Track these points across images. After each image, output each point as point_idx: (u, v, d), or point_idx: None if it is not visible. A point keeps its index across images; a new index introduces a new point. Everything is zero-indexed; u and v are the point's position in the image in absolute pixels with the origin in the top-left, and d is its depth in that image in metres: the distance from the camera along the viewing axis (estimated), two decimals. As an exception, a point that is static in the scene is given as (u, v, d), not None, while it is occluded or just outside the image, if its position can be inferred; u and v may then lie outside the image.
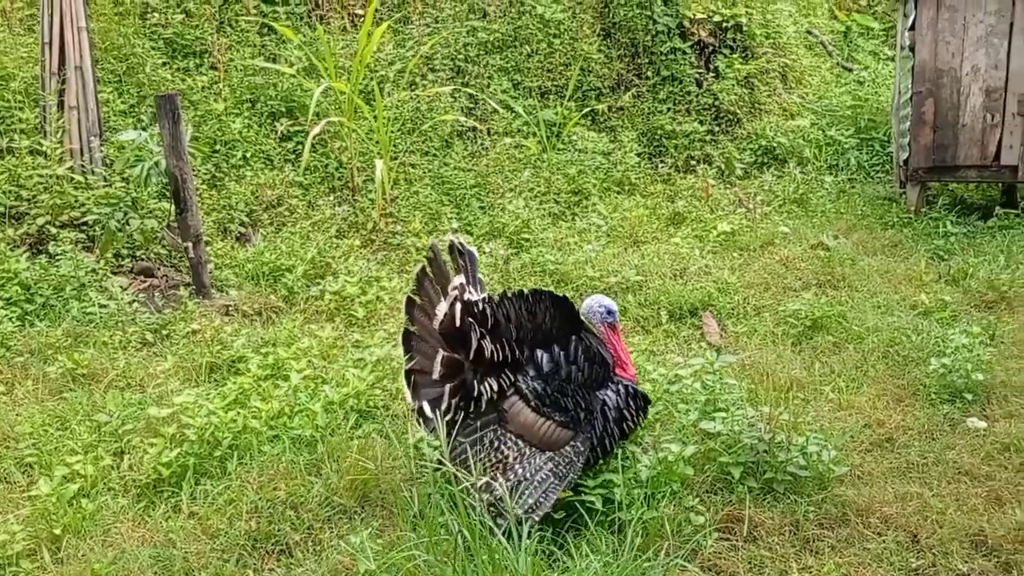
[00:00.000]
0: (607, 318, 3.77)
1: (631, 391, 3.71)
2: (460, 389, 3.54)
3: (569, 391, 3.56)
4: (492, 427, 3.55)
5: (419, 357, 3.64)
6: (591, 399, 3.61)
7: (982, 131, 7.91)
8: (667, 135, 9.93)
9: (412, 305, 3.71)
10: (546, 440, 3.52)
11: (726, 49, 10.55)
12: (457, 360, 3.54)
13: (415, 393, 3.61)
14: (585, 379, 3.62)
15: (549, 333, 3.64)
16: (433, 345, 3.58)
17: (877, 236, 7.67)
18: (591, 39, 10.13)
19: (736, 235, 7.71)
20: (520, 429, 3.53)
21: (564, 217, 8.29)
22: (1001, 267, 6.43)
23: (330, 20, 9.42)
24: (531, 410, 3.52)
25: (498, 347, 3.50)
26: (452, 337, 3.53)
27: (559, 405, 3.53)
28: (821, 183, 9.25)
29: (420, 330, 3.68)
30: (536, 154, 8.95)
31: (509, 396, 3.54)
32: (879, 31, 13.65)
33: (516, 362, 3.56)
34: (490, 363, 3.51)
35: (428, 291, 3.67)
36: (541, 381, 3.55)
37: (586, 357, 3.63)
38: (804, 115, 10.65)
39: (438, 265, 3.70)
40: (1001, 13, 7.66)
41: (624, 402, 3.67)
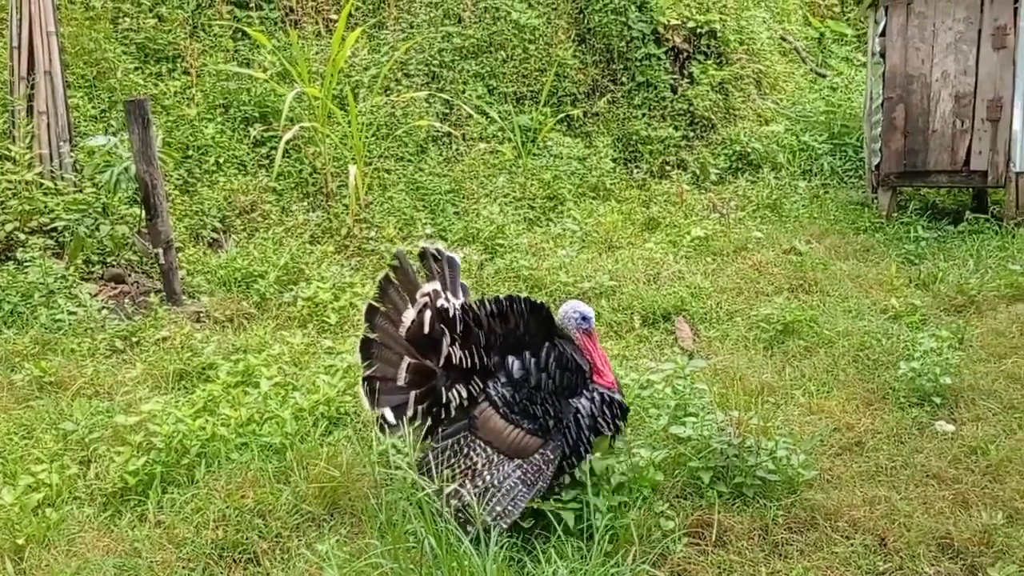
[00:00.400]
0: (582, 324, 3.66)
1: (606, 399, 3.62)
2: (428, 396, 3.52)
3: (539, 399, 3.51)
4: (462, 433, 3.52)
5: (379, 364, 3.58)
6: (562, 407, 3.54)
7: (952, 136, 7.99)
8: (642, 141, 9.97)
9: (374, 312, 3.65)
10: (515, 447, 3.49)
11: (700, 55, 10.62)
12: (426, 367, 3.53)
13: (375, 400, 3.56)
14: (556, 387, 3.55)
15: (522, 339, 3.58)
16: (397, 352, 3.55)
17: (849, 241, 7.73)
18: (566, 45, 10.16)
19: (710, 240, 7.75)
20: (489, 436, 3.50)
21: (539, 222, 8.30)
22: (971, 271, 6.49)
23: (304, 25, 9.39)
24: (500, 417, 3.49)
25: (466, 354, 3.48)
26: (421, 343, 3.52)
27: (528, 412, 3.49)
28: (795, 188, 9.32)
29: (382, 337, 3.62)
30: (511, 160, 8.96)
31: (480, 403, 3.52)
32: (852, 37, 13.78)
33: (485, 369, 3.54)
34: (459, 370, 3.49)
35: (393, 298, 3.63)
36: (511, 388, 3.51)
37: (558, 364, 3.55)
38: (778, 121, 10.73)
39: (404, 272, 3.65)
40: (969, 20, 7.75)
41: (599, 410, 3.59)
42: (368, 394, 3.57)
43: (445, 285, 3.70)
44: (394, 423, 3.49)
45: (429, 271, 3.74)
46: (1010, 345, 5.27)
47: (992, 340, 5.38)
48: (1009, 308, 5.90)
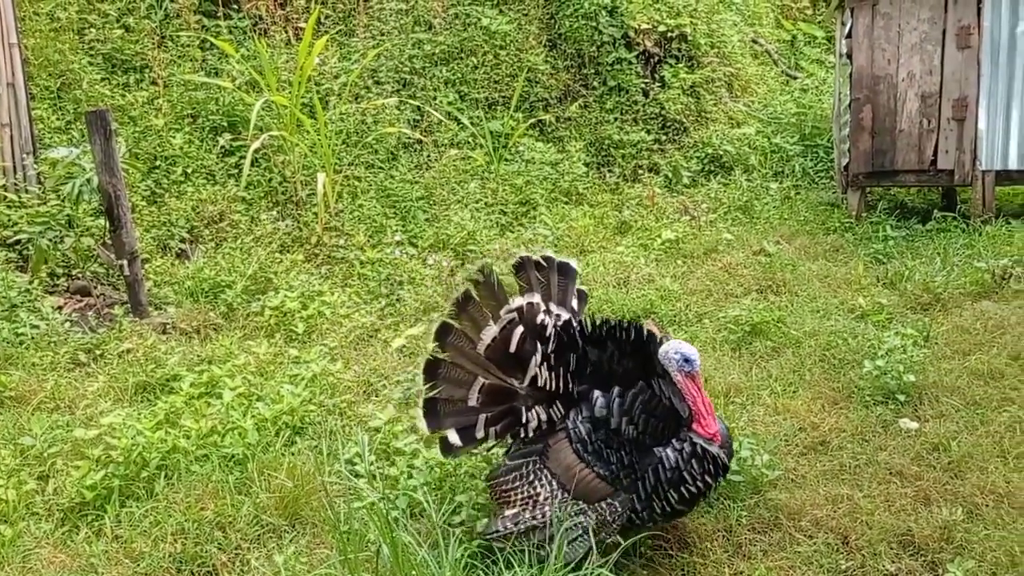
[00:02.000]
0: (684, 367, 3.24)
1: (699, 451, 3.22)
2: (503, 417, 3.33)
3: (615, 443, 3.24)
4: (533, 458, 3.34)
5: (446, 386, 3.35)
6: (642, 458, 3.24)
7: (919, 136, 8.03)
8: (614, 145, 9.99)
9: (447, 331, 3.38)
10: (581, 487, 3.24)
11: (671, 59, 10.65)
12: (503, 387, 3.34)
13: (435, 421, 3.35)
14: (639, 433, 3.24)
15: (615, 371, 3.33)
16: (471, 371, 3.35)
17: (819, 241, 7.76)
18: (537, 50, 10.17)
19: (680, 243, 7.76)
20: (557, 468, 3.29)
21: (511, 228, 8.29)
22: (937, 269, 6.52)
23: (273, 34, 9.35)
24: (572, 452, 3.27)
25: (552, 376, 3.29)
26: (503, 362, 3.33)
27: (601, 456, 3.25)
28: (766, 190, 9.35)
29: (453, 356, 3.37)
30: (483, 165, 8.95)
31: (558, 431, 3.31)
32: (823, 39, 13.87)
33: (569, 395, 3.32)
34: (543, 391, 3.31)
35: (472, 315, 3.37)
36: (589, 425, 3.26)
37: (645, 409, 3.24)
38: (750, 123, 10.77)
39: (489, 287, 3.38)
40: (934, 20, 7.81)
41: (686, 463, 3.20)
42: (427, 415, 3.36)
43: (550, 296, 3.49)
44: (459, 444, 3.30)
45: (527, 283, 3.49)
46: (974, 342, 5.28)
47: (957, 337, 5.40)
48: (974, 305, 5.93)
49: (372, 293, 6.79)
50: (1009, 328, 5.47)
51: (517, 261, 3.57)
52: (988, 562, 3.28)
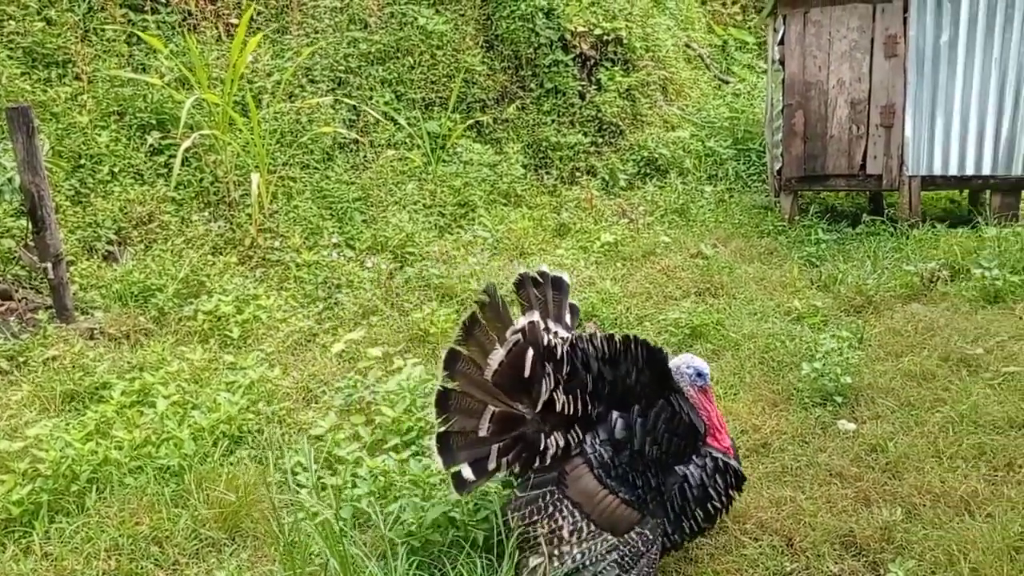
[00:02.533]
0: (697, 381, 3.23)
1: (720, 465, 3.19)
2: (515, 445, 3.13)
3: (640, 466, 3.13)
4: (549, 488, 3.16)
5: (458, 417, 3.15)
6: (666, 478, 3.16)
7: (849, 142, 8.24)
8: (552, 147, 10.01)
9: (455, 359, 3.19)
10: (606, 516, 3.13)
11: (607, 62, 10.72)
12: (512, 414, 3.16)
13: (449, 456, 3.13)
14: (662, 453, 3.16)
15: (632, 389, 3.21)
16: (480, 400, 3.16)
17: (754, 244, 7.89)
18: (474, 51, 10.13)
19: (619, 245, 7.81)
20: (579, 496, 3.14)
21: (450, 230, 8.23)
22: (868, 272, 6.68)
23: (203, 30, 9.10)
24: (594, 478, 3.13)
25: (570, 399, 3.13)
26: (511, 386, 3.16)
27: (626, 480, 3.13)
28: (701, 193, 9.48)
29: (463, 385, 3.18)
30: (420, 166, 8.86)
31: (573, 457, 3.16)
32: (754, 45, 14.15)
33: (587, 418, 3.19)
34: (561, 416, 3.15)
35: (479, 339, 3.19)
36: (610, 448, 3.14)
37: (668, 428, 3.17)
38: (684, 127, 10.92)
39: (494, 308, 3.20)
40: (862, 29, 8.01)
41: (710, 479, 3.16)
42: (441, 451, 3.14)
43: (547, 312, 3.37)
44: (473, 479, 3.08)
45: (527, 301, 3.38)
46: (906, 344, 5.43)
47: (890, 339, 5.54)
48: (904, 307, 6.09)
49: (309, 296, 6.66)
50: (938, 330, 5.63)
51: (517, 279, 3.45)
52: (927, 561, 3.36)
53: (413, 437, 4.30)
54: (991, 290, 6.17)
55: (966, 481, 3.85)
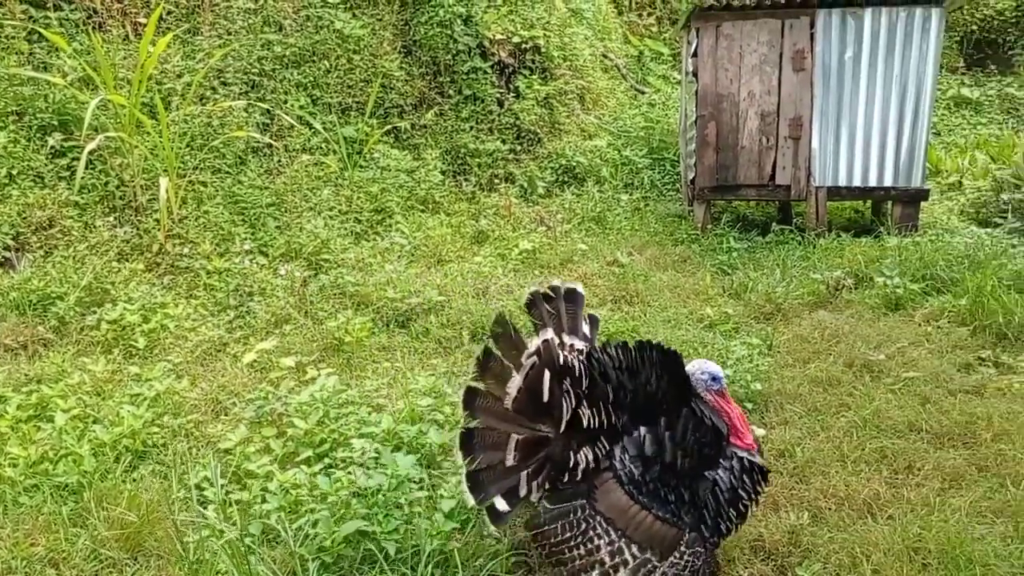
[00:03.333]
0: (712, 385, 3.18)
1: (746, 465, 3.15)
2: (544, 467, 3.08)
3: (672, 481, 3.06)
4: (579, 502, 3.09)
5: (484, 454, 3.09)
6: (698, 488, 3.09)
7: (759, 152, 8.46)
8: (471, 153, 9.99)
9: (473, 396, 3.15)
10: (643, 532, 3.04)
11: (526, 70, 10.77)
12: (536, 437, 3.10)
13: (481, 492, 3.06)
14: (692, 464, 3.09)
15: (653, 396, 3.14)
16: (504, 431, 3.09)
17: (668, 252, 8.01)
18: (392, 56, 10.04)
19: (537, 253, 7.84)
20: (610, 512, 3.06)
21: (366, 236, 8.13)
22: (777, 280, 6.86)
23: (110, 29, 8.79)
24: (624, 494, 3.05)
25: (594, 412, 3.05)
26: (531, 411, 3.09)
27: (658, 496, 3.05)
28: (617, 201, 9.59)
29: (484, 421, 3.14)
30: (336, 172, 8.74)
31: (602, 471, 3.08)
32: (669, 56, 14.40)
33: (612, 428, 3.11)
34: (587, 431, 3.06)
35: (495, 371, 3.13)
36: (640, 465, 3.06)
37: (696, 438, 3.10)
38: (601, 135, 11.04)
39: (507, 337, 3.14)
40: (772, 43, 8.24)
41: (739, 480, 3.12)
42: (473, 489, 3.07)
43: (561, 326, 3.30)
44: (507, 510, 3.03)
45: (540, 319, 3.30)
46: (813, 350, 5.58)
47: (797, 346, 5.69)
48: (812, 315, 6.27)
49: (220, 305, 6.47)
50: (843, 336, 5.81)
51: (528, 299, 3.37)
52: (833, 564, 3.44)
53: (326, 449, 4.22)
54: (892, 298, 6.41)
55: (869, 484, 3.97)
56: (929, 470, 4.13)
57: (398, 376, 5.28)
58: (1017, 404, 4.81)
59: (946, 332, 5.86)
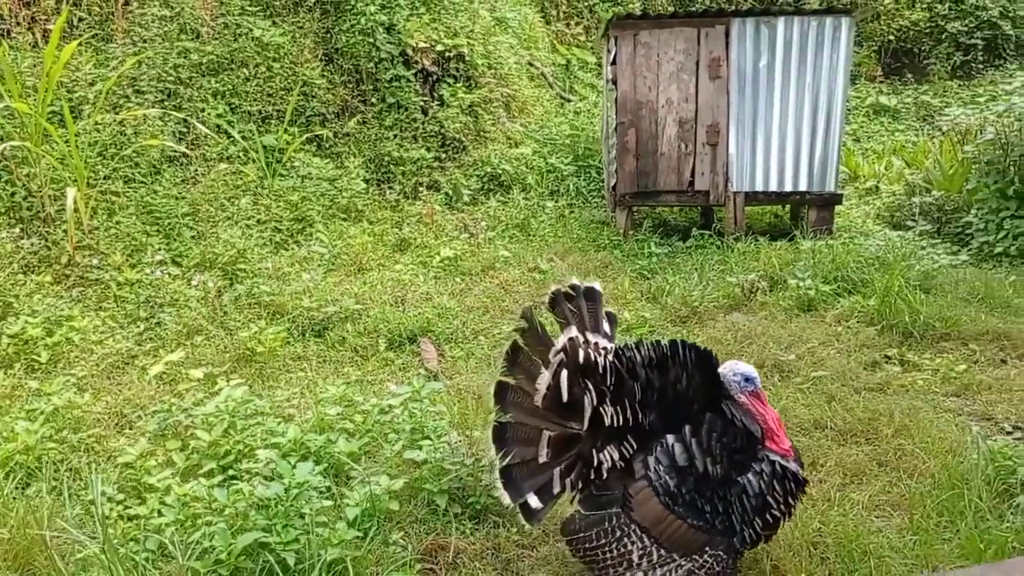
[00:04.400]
0: (746, 387, 3.08)
1: (778, 471, 3.04)
2: (574, 466, 3.10)
3: (707, 491, 3.01)
4: (615, 510, 3.07)
5: (517, 449, 3.11)
6: (733, 492, 3.03)
7: (678, 159, 8.58)
8: (394, 161, 9.93)
9: (504, 390, 3.15)
10: (676, 540, 3.03)
11: (450, 78, 10.75)
12: (568, 434, 3.10)
13: (514, 489, 3.07)
14: (725, 470, 3.03)
15: (683, 396, 3.09)
16: (535, 427, 3.11)
17: (590, 258, 8.07)
18: (313, 64, 9.94)
19: (459, 260, 7.82)
20: (646, 521, 3.04)
21: (285, 245, 8.01)
22: (694, 284, 6.95)
23: (16, 35, 8.52)
24: (660, 504, 3.02)
25: (618, 409, 3.04)
26: (561, 408, 3.08)
27: (694, 506, 3.01)
28: (543, 208, 9.63)
29: (516, 415, 3.14)
30: (255, 181, 8.60)
31: (638, 480, 3.04)
32: (594, 64, 14.54)
33: (639, 428, 3.08)
34: (611, 429, 3.05)
35: (524, 366, 3.15)
36: (674, 475, 3.01)
37: (725, 446, 3.02)
38: (527, 143, 11.07)
39: (533, 332, 3.15)
40: (688, 51, 8.37)
41: (768, 486, 3.02)
42: (507, 486, 3.08)
43: (584, 325, 3.26)
44: (540, 507, 3.06)
45: (563, 317, 3.26)
46: (726, 351, 5.65)
47: (711, 347, 5.70)
48: (726, 317, 6.37)
49: (130, 317, 6.31)
50: (756, 338, 5.91)
51: (551, 297, 3.35)
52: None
53: (230, 461, 4.13)
54: (805, 299, 6.54)
55: (773, 481, 4.02)
56: (832, 466, 4.21)
57: (310, 385, 5.20)
58: (918, 400, 4.95)
59: (855, 332, 6.00)
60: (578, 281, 3.43)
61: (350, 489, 3.87)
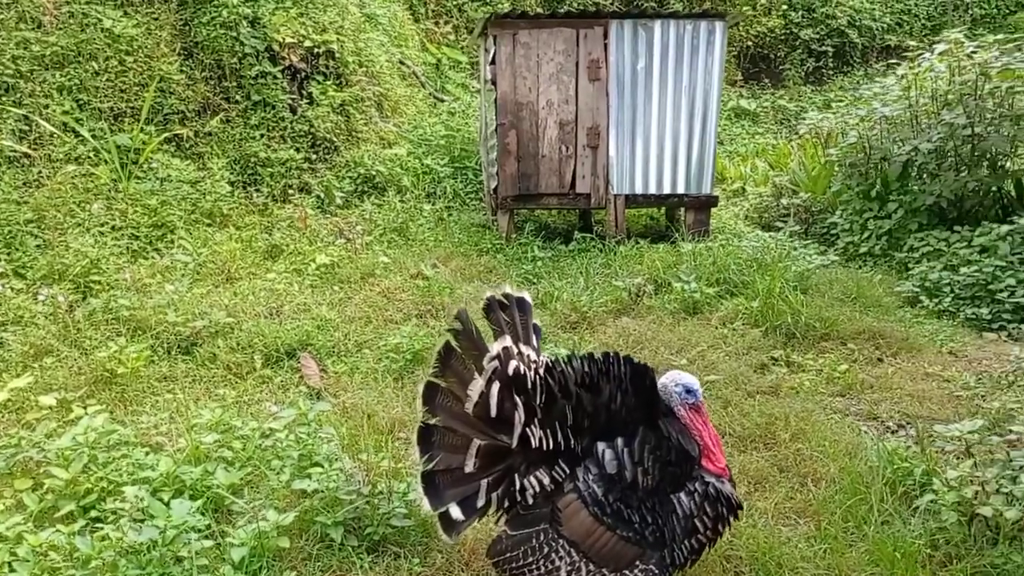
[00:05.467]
0: (688, 399, 2.99)
1: (711, 493, 2.94)
2: (503, 480, 2.92)
3: (635, 501, 2.89)
4: (543, 526, 2.92)
5: (442, 455, 2.93)
6: (664, 509, 2.91)
7: (559, 161, 8.48)
8: (261, 163, 9.40)
9: (434, 392, 2.97)
10: (606, 555, 2.88)
11: (319, 75, 10.30)
12: (500, 446, 2.92)
13: (436, 496, 2.90)
14: (656, 484, 2.91)
15: (617, 415, 2.94)
16: (464, 434, 2.93)
17: (473, 263, 7.85)
18: (170, 58, 9.28)
19: (336, 267, 7.44)
20: (575, 535, 2.89)
21: (144, 254, 7.40)
22: (581, 288, 6.84)
23: None
24: (589, 515, 2.88)
25: (547, 433, 2.88)
26: (492, 419, 2.89)
27: (622, 517, 2.88)
28: (420, 211, 9.35)
29: (444, 420, 2.96)
30: (109, 183, 7.91)
31: (566, 492, 2.90)
32: (467, 64, 14.35)
33: (571, 453, 2.93)
34: (539, 451, 2.89)
35: (456, 369, 2.96)
36: (602, 484, 2.88)
37: (656, 458, 2.90)
38: (401, 144, 10.75)
39: (467, 335, 2.97)
40: (568, 52, 8.28)
41: (698, 508, 2.93)
42: (428, 492, 2.91)
43: (517, 336, 3.07)
44: (462, 519, 2.89)
45: (497, 325, 3.07)
46: (620, 358, 5.55)
47: (605, 354, 5.64)
48: (616, 322, 6.29)
49: (-35, 337, 5.63)
50: (646, 342, 5.85)
51: (486, 303, 3.17)
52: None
53: (93, 501, 3.68)
54: (690, 302, 6.54)
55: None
56: (735, 474, 4.14)
57: (180, 409, 4.75)
58: (810, 403, 4.98)
59: (741, 334, 6.03)
60: (511, 290, 3.26)
61: (233, 527, 3.53)
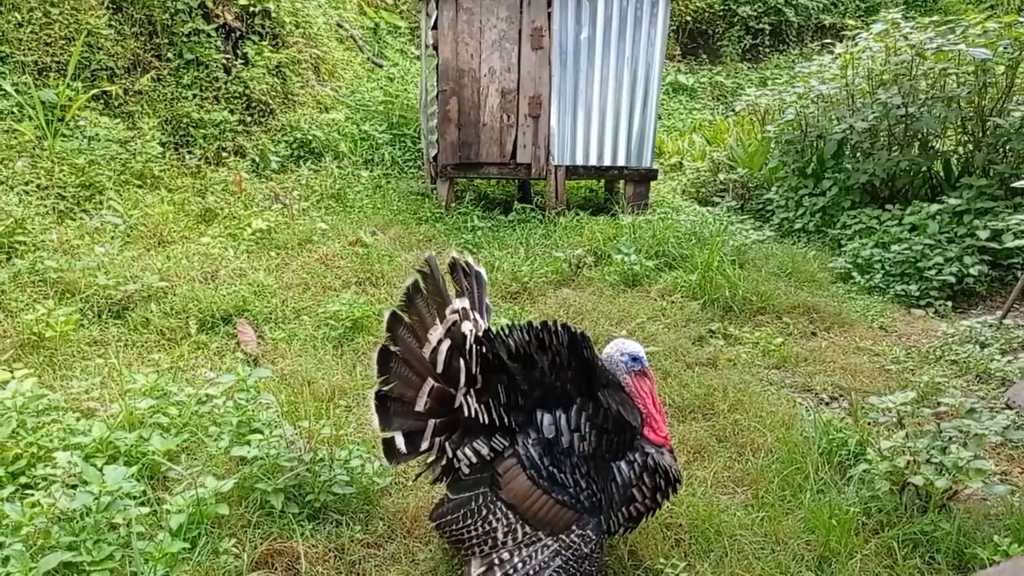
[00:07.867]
0: (633, 366, 3.02)
1: (650, 464, 2.95)
2: (449, 427, 2.96)
3: (570, 467, 2.90)
4: (482, 489, 2.96)
5: (397, 383, 2.96)
6: (602, 476, 2.93)
7: (500, 130, 8.43)
8: (194, 124, 9.15)
9: (397, 322, 2.97)
10: (542, 518, 2.92)
11: (255, 35, 10.04)
12: (449, 394, 2.93)
13: (385, 420, 2.96)
14: (594, 450, 2.91)
15: (553, 388, 2.95)
16: (420, 372, 2.94)
17: (412, 231, 7.79)
18: (99, 12, 8.92)
19: (273, 232, 7.30)
20: (513, 499, 2.92)
21: (72, 215, 7.16)
22: (522, 259, 6.85)
23: None
24: (527, 478, 2.91)
25: (482, 408, 2.90)
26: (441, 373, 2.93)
27: (556, 480, 2.90)
28: (358, 178, 9.23)
29: (404, 352, 2.96)
30: (33, 141, 7.61)
31: (507, 457, 2.93)
32: (405, 29, 14.14)
33: (507, 428, 2.94)
34: (475, 423, 2.91)
35: (420, 309, 2.97)
36: (539, 449, 2.90)
37: (593, 424, 2.90)
38: (338, 109, 10.58)
39: (434, 281, 2.99)
40: (511, 19, 8.22)
41: (637, 477, 2.95)
42: (379, 412, 2.97)
43: (473, 304, 3.11)
44: (405, 452, 2.94)
45: (459, 286, 3.14)
46: (560, 328, 5.59)
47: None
48: (556, 292, 6.32)
49: None
50: (587, 313, 5.90)
51: (450, 262, 3.21)
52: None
53: (23, 467, 3.57)
54: (630, 274, 6.61)
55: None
56: (676, 444, 4.23)
57: (113, 374, 4.63)
58: (747, 375, 5.09)
59: (680, 307, 6.13)
60: (472, 261, 3.29)
61: (171, 494, 3.46)
